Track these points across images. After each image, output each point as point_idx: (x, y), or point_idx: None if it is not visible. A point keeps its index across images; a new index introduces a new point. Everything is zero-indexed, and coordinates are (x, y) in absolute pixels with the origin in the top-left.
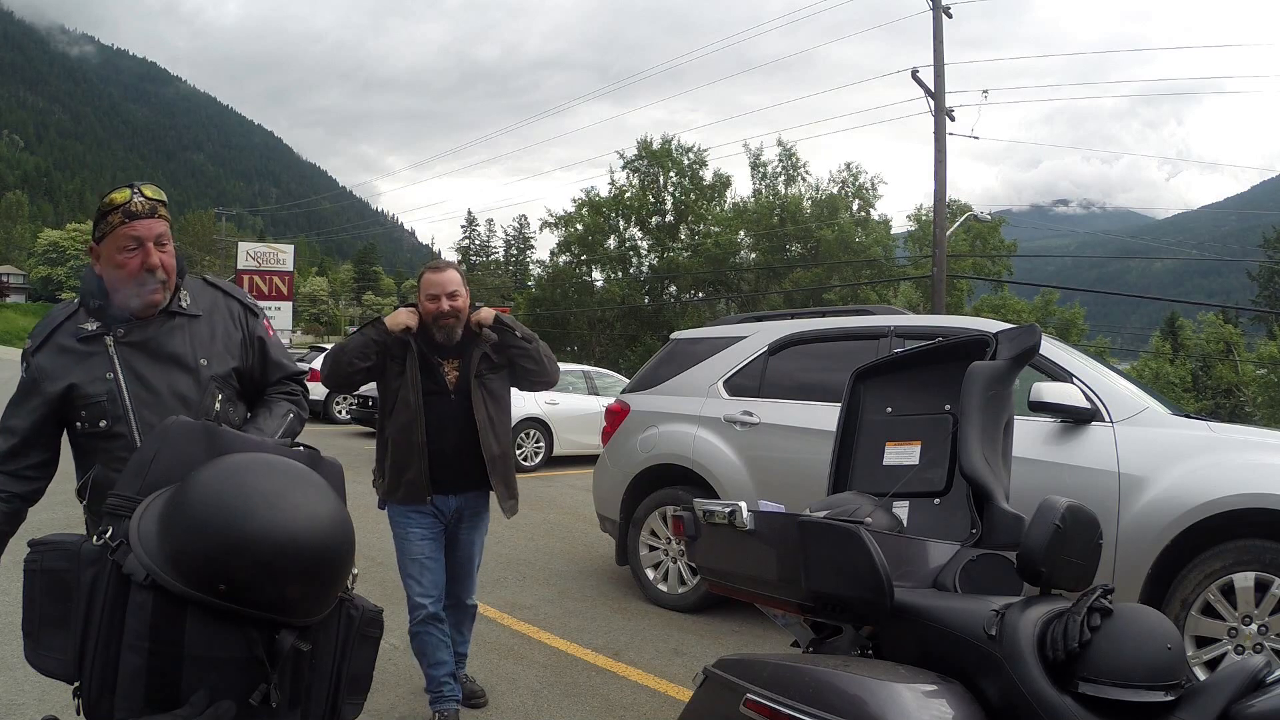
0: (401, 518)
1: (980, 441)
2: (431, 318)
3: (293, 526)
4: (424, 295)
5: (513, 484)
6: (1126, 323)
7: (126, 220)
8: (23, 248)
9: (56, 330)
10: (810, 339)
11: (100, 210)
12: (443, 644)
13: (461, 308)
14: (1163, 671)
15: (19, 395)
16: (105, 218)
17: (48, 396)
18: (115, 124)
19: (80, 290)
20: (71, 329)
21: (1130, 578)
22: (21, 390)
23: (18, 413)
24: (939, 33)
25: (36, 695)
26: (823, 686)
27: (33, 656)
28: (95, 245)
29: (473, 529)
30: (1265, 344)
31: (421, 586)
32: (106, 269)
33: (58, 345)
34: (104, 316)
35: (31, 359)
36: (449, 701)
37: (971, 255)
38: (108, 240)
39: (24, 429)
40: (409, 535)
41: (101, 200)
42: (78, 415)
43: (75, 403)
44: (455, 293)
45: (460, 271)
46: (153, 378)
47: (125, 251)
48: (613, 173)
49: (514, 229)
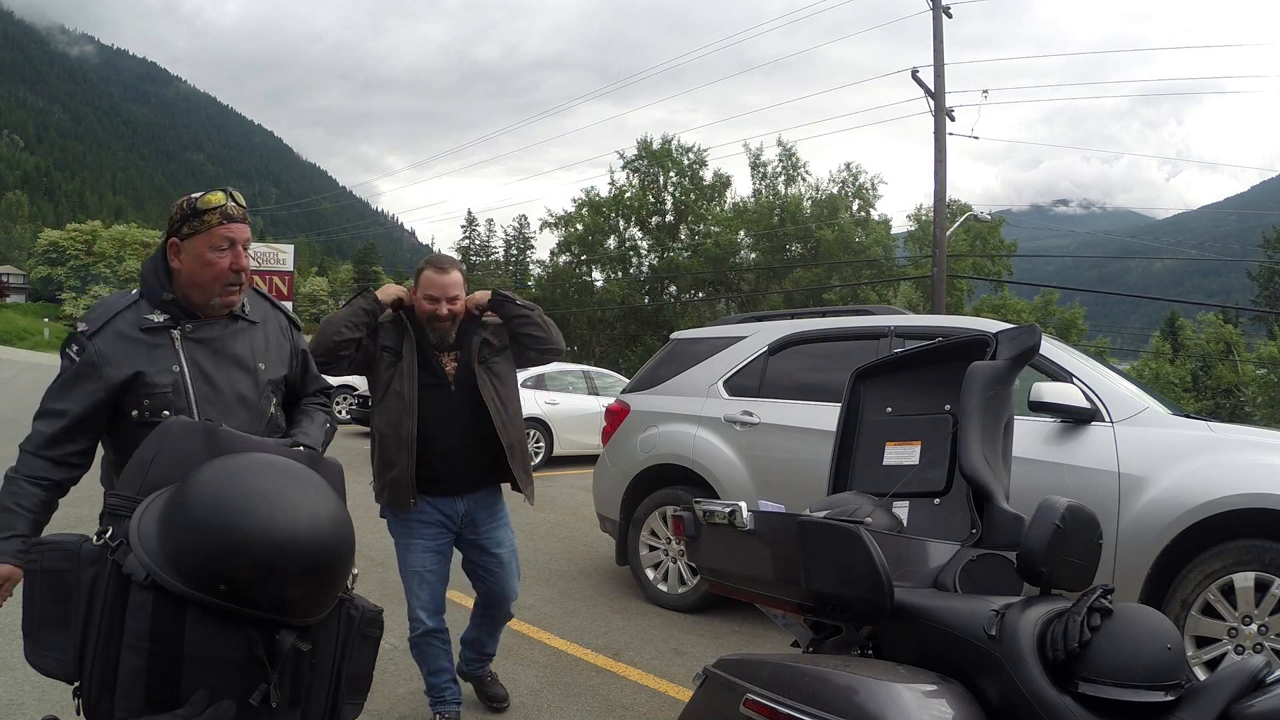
0: (402, 526)
1: (980, 441)
2: (426, 318)
3: (293, 526)
4: (422, 293)
5: (529, 468)
6: (1126, 323)
7: (224, 221)
8: (23, 248)
9: (116, 317)
10: (810, 339)
11: (194, 209)
12: (443, 653)
13: (459, 312)
14: (1163, 671)
15: (69, 379)
16: (200, 216)
17: (109, 382)
18: (115, 124)
19: (143, 282)
20: (133, 318)
21: (1130, 578)
22: (74, 374)
23: (68, 396)
24: (939, 33)
25: (36, 695)
26: (823, 686)
27: (33, 656)
28: (178, 241)
29: (494, 528)
30: (1265, 344)
31: (420, 601)
32: (191, 265)
33: (118, 332)
34: (172, 310)
35: (88, 342)
36: (450, 705)
37: (971, 255)
38: (199, 238)
39: (76, 413)
40: (411, 546)
41: (191, 200)
42: (138, 404)
43: (138, 391)
44: (456, 298)
45: (462, 269)
46: (216, 375)
47: (217, 251)
48: (613, 173)
49: (514, 229)
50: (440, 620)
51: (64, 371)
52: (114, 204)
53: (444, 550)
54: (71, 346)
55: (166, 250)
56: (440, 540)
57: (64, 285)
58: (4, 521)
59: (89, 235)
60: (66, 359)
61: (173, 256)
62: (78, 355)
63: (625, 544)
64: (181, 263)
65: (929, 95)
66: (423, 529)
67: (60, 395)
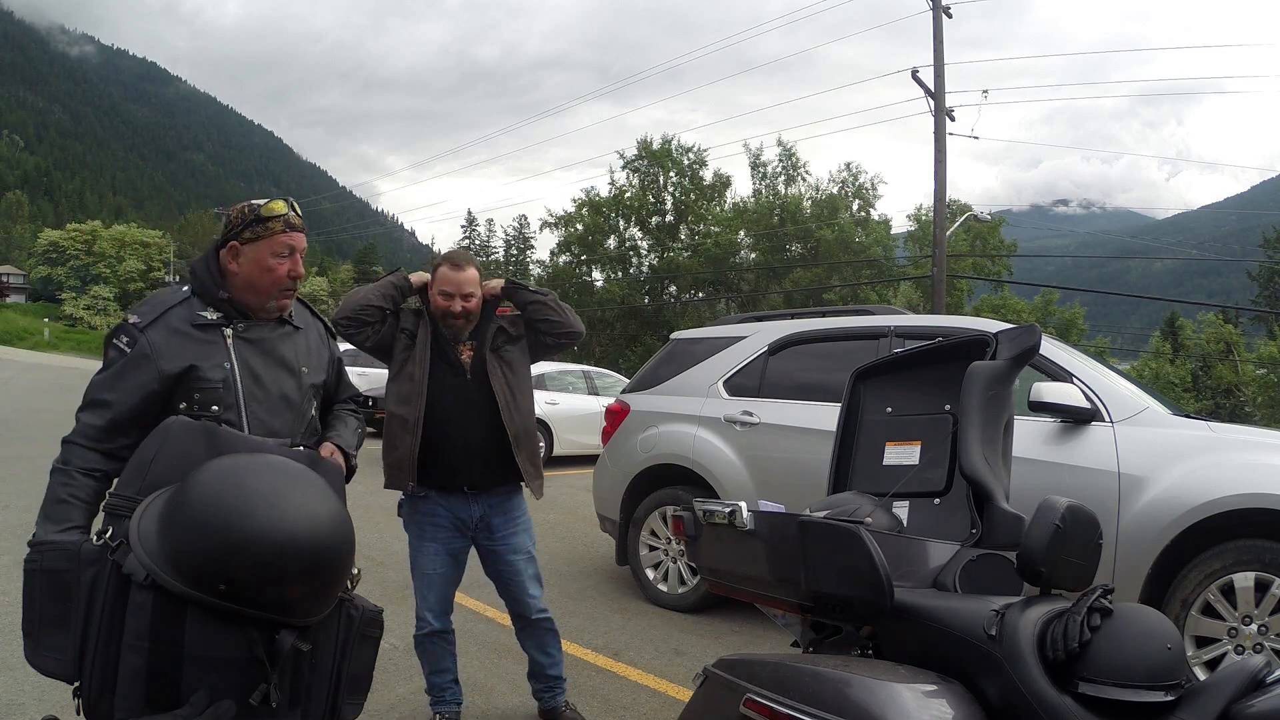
0: (415, 526)
1: (980, 441)
2: (440, 314)
3: (293, 526)
4: (436, 289)
5: (538, 462)
6: (1126, 323)
7: (287, 229)
8: (23, 248)
9: (168, 312)
10: (810, 339)
11: (258, 215)
12: (447, 653)
13: (474, 309)
14: (1163, 671)
15: (121, 370)
16: (265, 223)
17: (163, 373)
18: (115, 124)
19: (195, 280)
20: (185, 314)
21: (1130, 578)
22: (127, 365)
23: (120, 387)
24: (939, 33)
25: (36, 695)
26: (823, 686)
27: (33, 656)
28: (238, 245)
29: (511, 534)
30: (1265, 344)
31: (427, 602)
32: (250, 269)
33: (170, 327)
34: (225, 309)
35: (140, 334)
36: (449, 705)
37: (971, 255)
38: (262, 244)
39: (128, 404)
40: (422, 548)
41: (254, 206)
42: (189, 398)
43: (191, 384)
44: (470, 295)
45: (478, 266)
46: (264, 375)
47: (278, 257)
48: (613, 173)
49: (514, 229)
50: (446, 621)
51: (112, 363)
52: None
53: (456, 553)
54: (121, 338)
55: (222, 252)
56: (454, 544)
57: (64, 285)
58: (62, 514)
59: (89, 235)
60: (114, 350)
61: (230, 259)
62: (129, 346)
63: (625, 544)
64: (240, 266)
65: (929, 95)
66: (435, 530)
67: (110, 386)
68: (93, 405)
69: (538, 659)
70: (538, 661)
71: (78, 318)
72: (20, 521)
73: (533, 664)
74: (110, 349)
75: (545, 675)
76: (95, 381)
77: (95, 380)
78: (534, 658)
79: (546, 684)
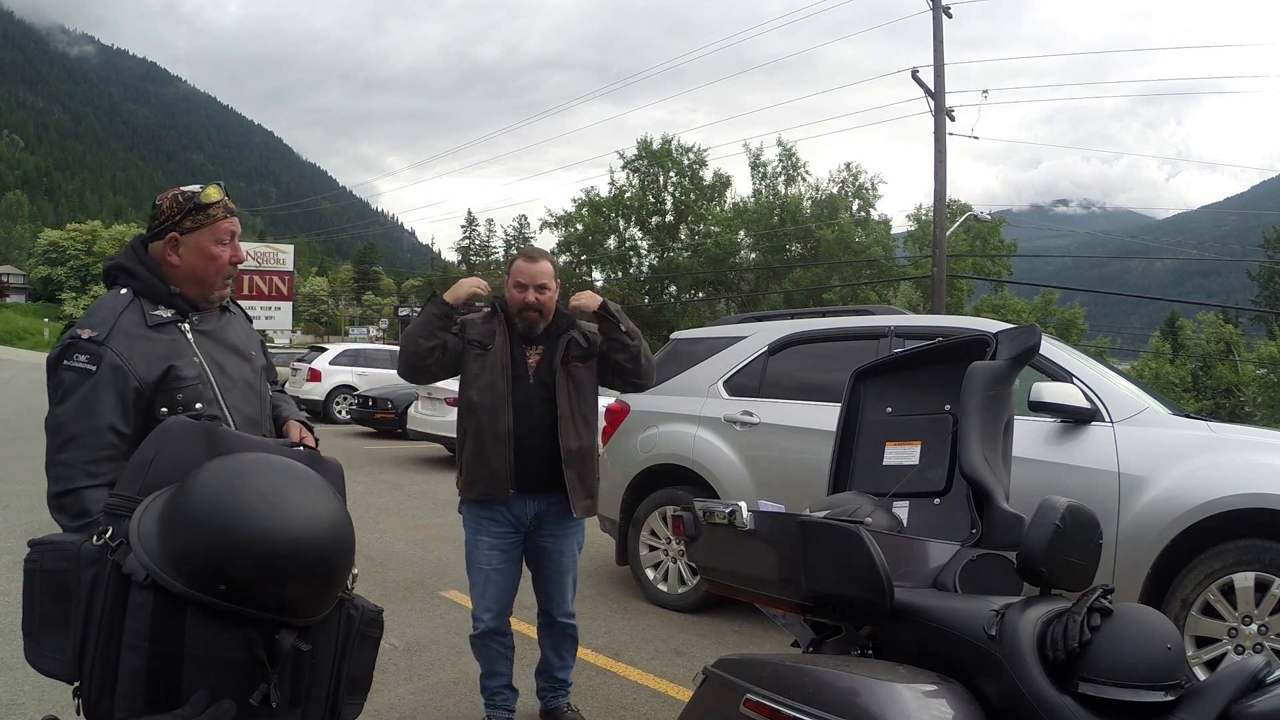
0: (474, 521)
1: (980, 441)
2: (516, 308)
3: (293, 526)
4: (512, 282)
5: (590, 483)
6: (1126, 323)
7: (227, 215)
8: (23, 248)
9: (120, 318)
10: (810, 339)
11: (196, 203)
12: (502, 656)
13: (547, 302)
14: (1163, 671)
15: (93, 390)
16: (205, 210)
17: (143, 381)
18: (115, 124)
19: (133, 279)
20: (135, 317)
21: (1130, 578)
22: (99, 384)
23: (98, 411)
24: (939, 33)
25: (36, 695)
26: (823, 686)
27: (33, 656)
28: (178, 235)
29: (559, 538)
30: (1265, 344)
31: (483, 600)
32: (193, 259)
33: (128, 333)
34: (177, 304)
35: (103, 348)
36: (499, 710)
37: (971, 255)
38: (204, 231)
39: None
40: (478, 543)
41: (191, 194)
42: (171, 400)
43: (172, 386)
44: (544, 285)
45: (554, 262)
46: (226, 365)
47: (219, 244)
48: (613, 173)
49: (514, 229)
50: (503, 622)
51: (76, 386)
52: (114, 204)
53: (511, 551)
54: (78, 357)
55: (154, 245)
56: (508, 540)
57: (64, 285)
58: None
59: (89, 235)
60: (73, 372)
61: (168, 251)
62: (92, 363)
63: (625, 544)
64: (180, 257)
65: (929, 95)
66: (491, 526)
67: (87, 413)
68: (73, 441)
69: (550, 658)
70: (548, 660)
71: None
72: (20, 521)
73: (543, 661)
74: (66, 372)
75: (553, 676)
76: (62, 415)
77: (61, 413)
78: (546, 656)
79: (551, 684)
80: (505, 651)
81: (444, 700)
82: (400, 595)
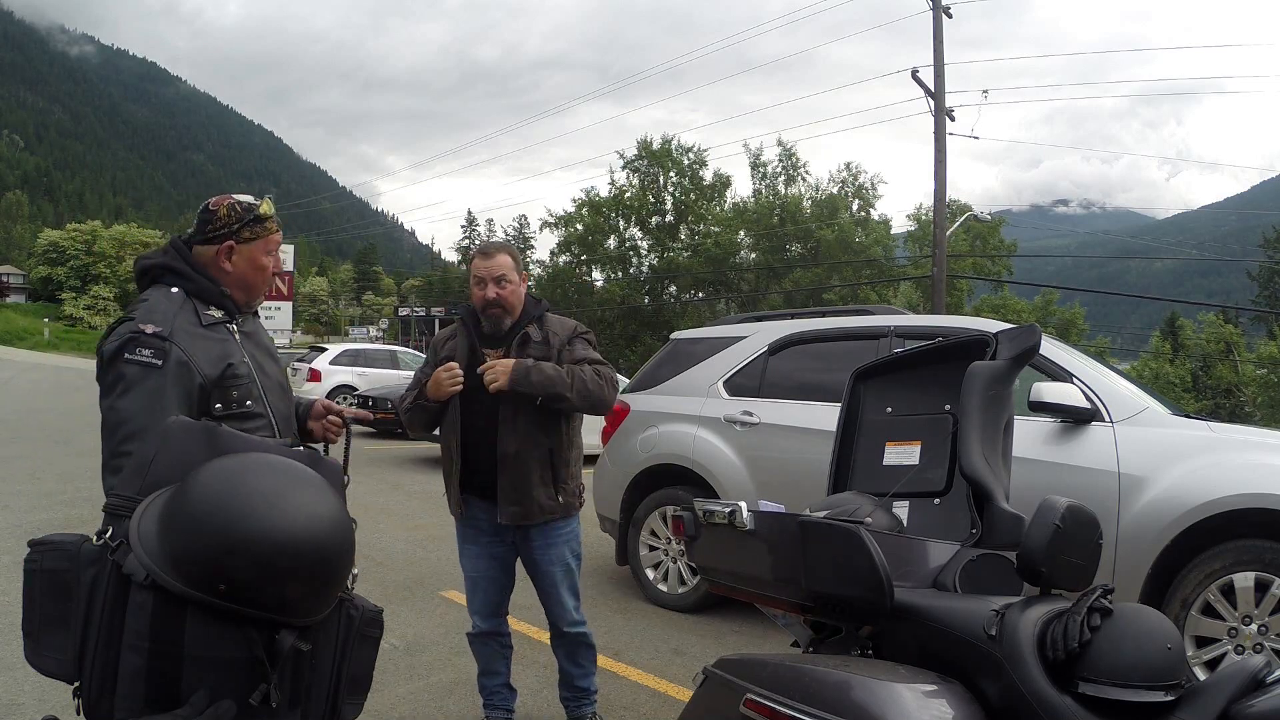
0: (460, 528)
1: (980, 441)
2: (480, 306)
3: (292, 526)
4: (472, 280)
5: (523, 493)
6: (1126, 323)
7: (277, 229)
8: (23, 248)
9: (177, 315)
10: (810, 339)
11: (254, 215)
12: (498, 655)
13: (508, 296)
14: (1163, 671)
15: (160, 387)
16: (262, 223)
17: (208, 378)
18: (115, 124)
19: (185, 280)
20: (190, 316)
21: (1130, 578)
22: (166, 379)
23: (166, 406)
24: (939, 33)
25: (36, 695)
26: (823, 686)
27: (33, 656)
28: (235, 244)
29: (546, 546)
30: (1265, 344)
31: (473, 604)
32: (244, 267)
33: (186, 331)
34: (225, 306)
35: (167, 343)
36: (498, 710)
37: (971, 255)
38: (259, 243)
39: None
40: (464, 550)
41: (249, 205)
42: (228, 396)
43: (229, 383)
44: (503, 278)
45: (513, 254)
46: (265, 365)
47: (269, 255)
48: (613, 173)
49: (514, 229)
50: (496, 623)
51: (141, 380)
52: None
53: (500, 557)
54: (141, 351)
55: (208, 250)
56: (495, 547)
57: (64, 285)
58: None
59: (89, 235)
60: (137, 366)
61: (222, 258)
62: (157, 358)
63: (625, 544)
64: (234, 265)
65: (929, 95)
66: (476, 535)
67: (157, 407)
68: (141, 434)
69: (567, 668)
70: (566, 670)
71: (78, 318)
72: (20, 521)
73: (562, 672)
74: (128, 365)
75: (573, 685)
76: (127, 409)
77: (125, 407)
78: (563, 666)
79: (573, 694)
80: (503, 651)
81: (444, 700)
82: (400, 595)
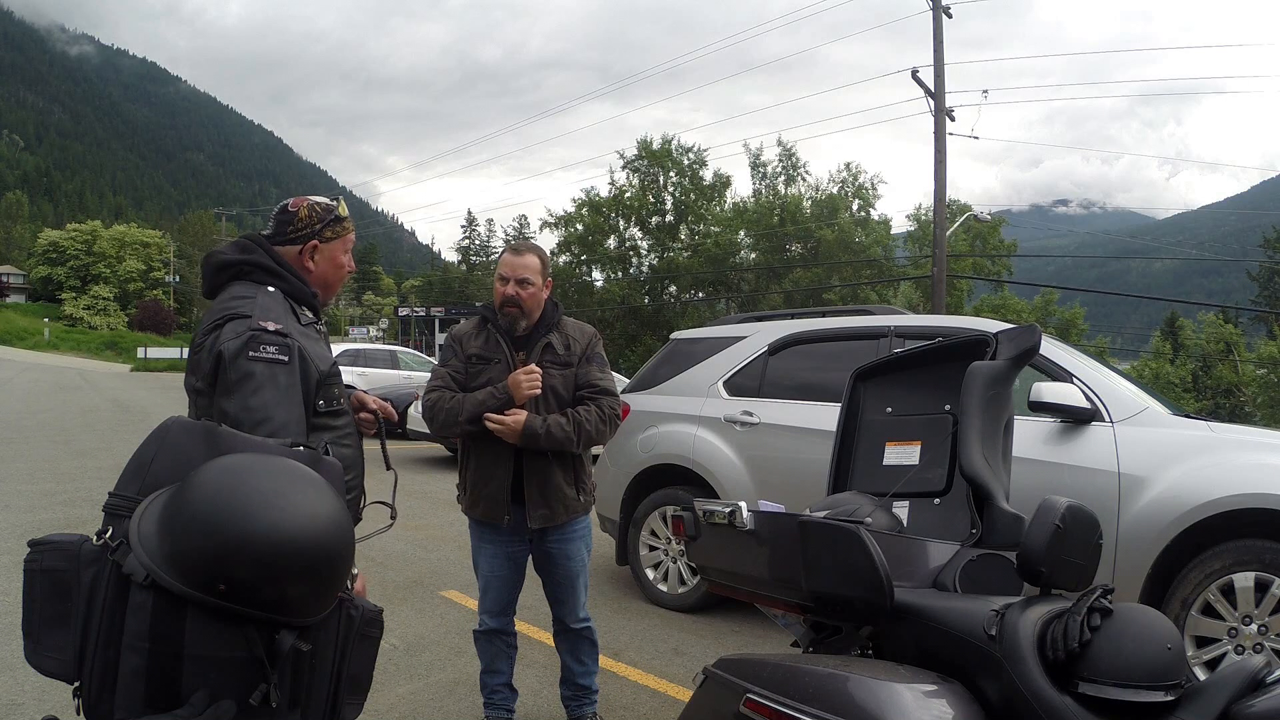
0: (475, 528)
1: (980, 441)
2: (498, 302)
3: (292, 526)
4: (497, 275)
5: (551, 496)
6: (1126, 323)
7: (352, 228)
8: (23, 248)
9: (286, 316)
10: (810, 339)
11: (335, 215)
12: (503, 655)
13: (528, 299)
14: (1163, 671)
15: (289, 381)
16: (340, 222)
17: (321, 375)
18: (115, 124)
19: (281, 280)
20: (293, 316)
21: (1130, 578)
22: (292, 373)
23: (298, 399)
24: (939, 33)
25: (36, 695)
26: (823, 686)
27: (33, 656)
28: (319, 244)
29: (563, 541)
30: (1265, 344)
31: (483, 602)
32: (325, 267)
33: (298, 329)
34: (314, 307)
35: (290, 339)
36: (498, 710)
37: (971, 255)
38: (338, 242)
39: (300, 416)
40: (480, 550)
41: (329, 206)
42: (330, 394)
43: (331, 380)
44: (526, 280)
45: (543, 258)
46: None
47: (346, 254)
48: (613, 173)
49: (514, 229)
50: (504, 622)
51: (272, 375)
52: (114, 204)
53: (514, 556)
54: (267, 348)
55: (291, 250)
56: (511, 546)
57: (64, 285)
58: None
59: (89, 235)
60: (263, 362)
61: (306, 258)
62: (283, 354)
63: (625, 544)
64: (316, 264)
65: (929, 95)
66: (494, 534)
67: (292, 401)
68: (284, 429)
69: (570, 665)
70: (569, 668)
71: (78, 318)
72: (20, 521)
73: (564, 669)
74: (254, 363)
75: (575, 683)
76: (264, 406)
77: (260, 404)
78: (566, 663)
79: (575, 691)
80: (507, 650)
81: (444, 700)
82: (400, 595)
